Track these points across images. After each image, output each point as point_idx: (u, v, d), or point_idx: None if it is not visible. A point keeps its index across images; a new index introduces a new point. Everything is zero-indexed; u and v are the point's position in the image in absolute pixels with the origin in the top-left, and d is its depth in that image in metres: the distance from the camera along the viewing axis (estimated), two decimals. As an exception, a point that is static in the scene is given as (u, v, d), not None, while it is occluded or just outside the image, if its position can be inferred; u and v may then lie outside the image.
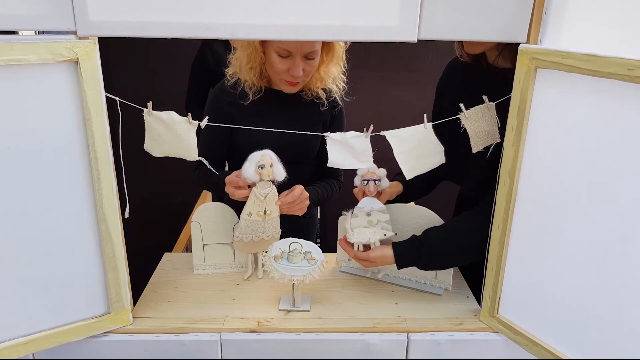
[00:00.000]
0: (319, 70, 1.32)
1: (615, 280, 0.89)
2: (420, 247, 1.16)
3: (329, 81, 1.36)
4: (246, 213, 1.23)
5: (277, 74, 1.28)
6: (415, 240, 1.18)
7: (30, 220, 0.97)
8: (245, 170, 1.19)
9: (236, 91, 1.34)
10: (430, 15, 0.94)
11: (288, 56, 1.22)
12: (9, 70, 0.87)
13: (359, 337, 1.11)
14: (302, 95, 1.37)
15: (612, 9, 0.89)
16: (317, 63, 1.28)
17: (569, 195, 0.93)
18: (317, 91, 1.36)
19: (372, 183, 1.22)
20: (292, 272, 1.13)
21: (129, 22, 0.91)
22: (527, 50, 0.93)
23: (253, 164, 1.18)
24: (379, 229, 1.21)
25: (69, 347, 1.07)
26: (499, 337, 1.11)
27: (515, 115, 0.97)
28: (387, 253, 1.18)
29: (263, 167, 1.18)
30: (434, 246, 1.16)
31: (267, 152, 1.20)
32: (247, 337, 1.10)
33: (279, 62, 1.24)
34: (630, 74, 0.78)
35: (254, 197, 1.21)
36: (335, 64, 1.33)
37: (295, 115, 1.38)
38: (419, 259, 1.17)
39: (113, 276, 1.06)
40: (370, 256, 1.19)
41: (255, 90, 1.33)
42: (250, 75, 1.31)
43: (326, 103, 1.38)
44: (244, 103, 1.34)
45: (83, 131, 0.95)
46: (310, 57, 1.24)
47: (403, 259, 1.18)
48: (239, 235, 1.24)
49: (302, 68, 1.24)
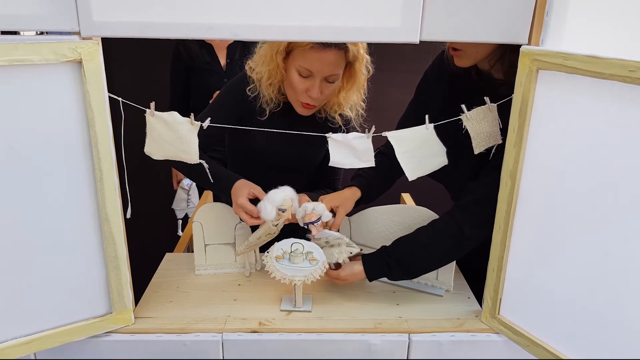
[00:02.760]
0: (338, 96, 1.30)
1: (617, 281, 0.89)
2: (389, 260, 1.16)
3: (346, 107, 1.33)
4: (256, 237, 1.23)
5: (295, 94, 1.25)
6: (383, 252, 1.18)
7: (33, 220, 0.97)
8: (265, 211, 1.15)
9: (255, 102, 1.31)
10: (432, 16, 0.94)
11: (308, 76, 1.20)
12: (13, 71, 0.87)
13: (360, 338, 1.11)
14: (316, 115, 1.35)
15: (614, 11, 0.89)
16: (336, 87, 1.26)
17: (571, 197, 0.93)
18: (334, 116, 1.34)
19: (312, 226, 1.19)
20: (294, 273, 1.13)
21: (133, 22, 0.91)
22: (528, 52, 0.93)
23: (274, 208, 1.16)
24: (345, 247, 1.20)
25: (70, 347, 1.07)
26: (500, 337, 1.11)
27: (517, 117, 0.97)
28: (357, 269, 1.18)
29: (284, 211, 1.16)
30: (403, 258, 1.16)
31: (289, 194, 1.17)
32: (249, 337, 1.10)
33: (298, 82, 1.21)
34: (632, 75, 0.78)
35: (267, 227, 1.20)
36: (355, 90, 1.31)
37: (304, 130, 1.37)
38: (389, 271, 1.17)
39: (115, 276, 1.06)
40: (341, 275, 1.19)
41: (273, 106, 1.31)
42: (269, 90, 1.28)
43: (344, 128, 1.36)
44: (259, 118, 1.31)
45: (86, 131, 0.96)
46: (330, 81, 1.22)
47: (373, 273, 1.18)
48: (249, 245, 1.25)
49: (321, 90, 1.22)
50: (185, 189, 2.32)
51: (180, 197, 2.34)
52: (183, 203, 2.34)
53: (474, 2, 0.94)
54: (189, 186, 2.33)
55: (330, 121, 1.35)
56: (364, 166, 1.20)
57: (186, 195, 2.33)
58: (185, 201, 2.34)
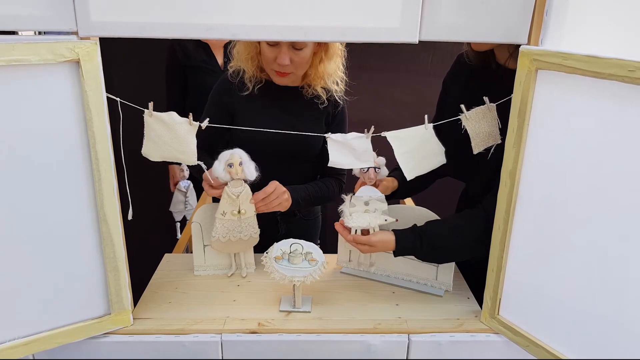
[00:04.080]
0: (318, 68, 1.34)
1: (616, 281, 0.89)
2: (422, 236, 1.15)
3: (328, 80, 1.37)
4: (220, 212, 1.24)
5: (267, 64, 1.31)
6: (417, 229, 1.18)
7: (31, 221, 0.96)
8: (215, 169, 1.20)
9: (235, 81, 1.37)
10: (432, 16, 0.94)
11: (275, 45, 1.25)
12: (10, 71, 0.87)
13: (360, 338, 1.11)
14: (303, 92, 1.39)
15: (613, 10, 0.89)
16: (306, 55, 1.29)
17: (570, 197, 0.93)
18: (317, 89, 1.38)
19: (372, 170, 1.23)
20: (293, 273, 1.13)
21: (131, 22, 0.91)
22: (528, 52, 0.93)
23: (222, 163, 1.19)
24: (379, 214, 1.20)
25: (69, 348, 1.07)
26: (499, 338, 1.11)
27: (516, 117, 0.97)
28: (388, 237, 1.16)
29: (232, 166, 1.19)
30: (434, 239, 1.16)
31: (237, 151, 1.21)
32: (248, 338, 1.10)
33: (267, 51, 1.27)
34: (631, 75, 0.78)
35: (226, 196, 1.22)
36: (332, 60, 1.34)
37: (297, 110, 1.39)
38: (420, 247, 1.15)
39: (114, 277, 1.05)
40: (372, 240, 1.15)
41: (256, 82, 1.36)
42: (249, 65, 1.34)
43: (326, 101, 1.39)
44: (243, 94, 1.36)
45: (84, 131, 0.95)
46: (297, 47, 1.26)
47: (404, 245, 1.16)
48: (216, 235, 1.25)
49: (290, 58, 1.26)
50: (183, 190, 2.31)
51: (178, 200, 2.33)
52: (180, 205, 2.34)
53: (473, 2, 0.94)
54: (186, 188, 2.32)
55: (316, 96, 1.39)
56: (363, 166, 1.20)
57: (183, 198, 2.32)
58: (182, 203, 2.33)
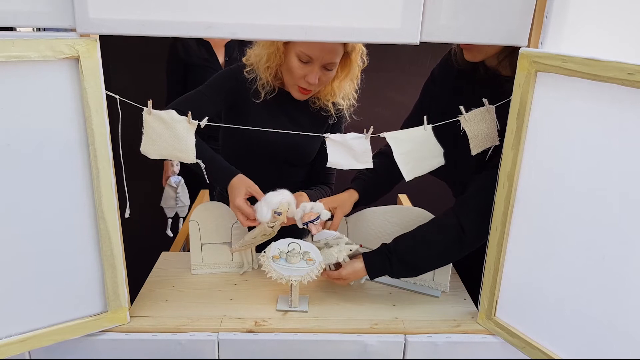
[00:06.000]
0: (332, 84, 1.32)
1: (613, 283, 0.89)
2: (390, 257, 1.15)
3: (339, 96, 1.35)
4: (251, 237, 1.23)
5: (292, 79, 1.27)
6: (384, 249, 1.17)
7: (29, 218, 0.96)
8: (262, 215, 1.15)
9: (251, 86, 1.33)
10: (433, 18, 0.94)
11: (308, 62, 1.22)
12: (9, 67, 0.87)
13: (356, 338, 1.11)
14: (310, 104, 1.37)
15: (613, 14, 0.89)
16: (332, 75, 1.28)
17: (568, 199, 0.93)
18: (326, 104, 1.36)
19: (312, 225, 1.19)
20: (290, 273, 1.13)
21: (130, 20, 0.91)
22: (527, 54, 0.93)
23: (270, 210, 1.15)
24: (344, 246, 1.19)
25: (65, 345, 1.06)
26: (496, 339, 1.12)
27: (515, 119, 0.98)
28: (358, 267, 1.17)
29: (280, 214, 1.16)
30: (404, 255, 1.15)
31: (286, 197, 1.17)
32: (245, 337, 1.10)
33: (298, 67, 1.23)
34: (630, 78, 0.78)
35: (262, 227, 1.19)
36: (349, 80, 1.33)
37: (300, 119, 1.38)
38: (390, 267, 1.16)
39: (111, 274, 1.05)
40: (342, 274, 1.18)
41: (269, 90, 1.33)
42: (266, 74, 1.30)
43: (335, 117, 1.38)
44: (254, 100, 1.33)
45: (83, 129, 0.95)
46: (328, 68, 1.24)
47: (374, 270, 1.17)
48: (242, 244, 1.25)
49: (319, 77, 1.23)
50: (173, 186, 2.29)
51: (169, 195, 2.31)
52: (171, 201, 2.32)
53: (474, 3, 0.94)
54: (176, 184, 2.30)
55: (324, 109, 1.37)
56: (362, 167, 1.20)
57: (174, 194, 2.30)
58: (173, 199, 2.31)
